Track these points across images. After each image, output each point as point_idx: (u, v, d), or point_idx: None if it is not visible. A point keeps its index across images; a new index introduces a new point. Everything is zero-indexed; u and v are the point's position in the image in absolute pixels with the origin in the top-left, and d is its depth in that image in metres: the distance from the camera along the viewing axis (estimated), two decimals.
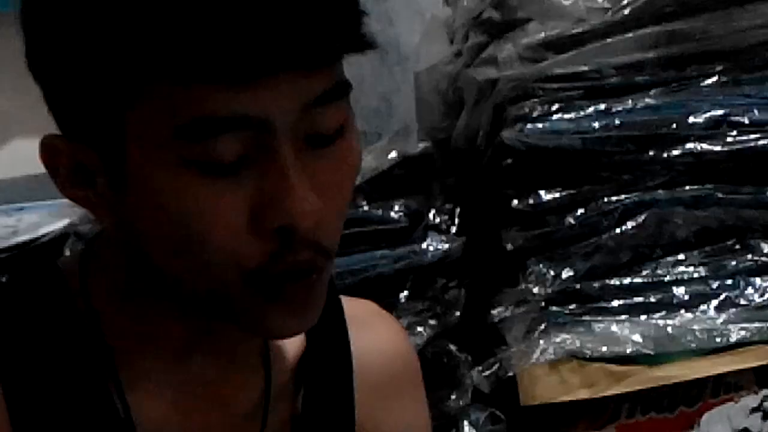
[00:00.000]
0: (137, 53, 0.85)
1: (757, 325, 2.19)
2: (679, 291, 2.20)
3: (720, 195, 2.21)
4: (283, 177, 0.86)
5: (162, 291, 0.95)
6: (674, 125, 2.18)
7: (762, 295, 2.21)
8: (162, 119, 0.85)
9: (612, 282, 2.19)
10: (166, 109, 0.85)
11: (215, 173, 0.85)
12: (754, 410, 2.12)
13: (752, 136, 2.20)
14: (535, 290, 2.16)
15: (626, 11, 2.17)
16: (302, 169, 0.87)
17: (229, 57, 0.83)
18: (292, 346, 1.05)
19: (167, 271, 0.92)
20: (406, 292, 2.13)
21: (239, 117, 0.84)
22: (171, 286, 0.93)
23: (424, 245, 2.15)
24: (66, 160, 0.92)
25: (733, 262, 2.22)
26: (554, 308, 2.17)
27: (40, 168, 0.95)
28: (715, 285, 2.21)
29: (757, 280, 2.22)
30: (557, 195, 2.16)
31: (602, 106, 2.17)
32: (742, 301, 2.20)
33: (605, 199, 2.18)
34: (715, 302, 2.20)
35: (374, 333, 1.12)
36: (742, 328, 2.18)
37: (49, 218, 1.95)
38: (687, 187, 2.21)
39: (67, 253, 1.87)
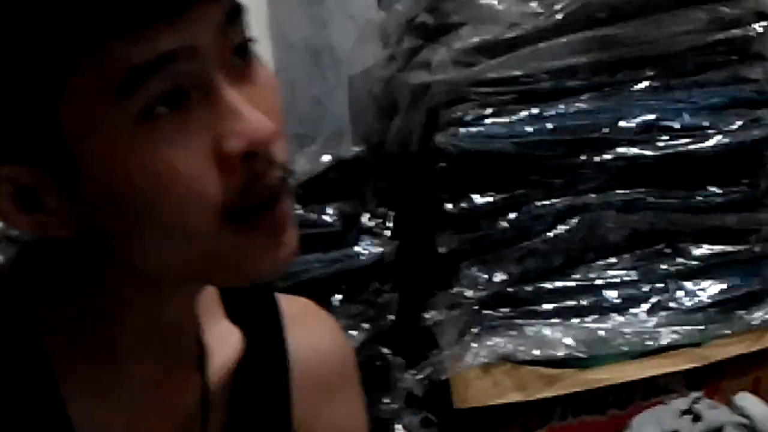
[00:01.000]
0: (56, 32, 0.85)
1: (687, 328, 2.22)
2: (611, 294, 2.22)
3: (651, 199, 2.24)
4: (229, 105, 0.89)
5: (119, 289, 0.95)
6: (606, 129, 2.20)
7: (692, 299, 2.24)
8: (97, 89, 0.86)
9: (544, 285, 2.21)
10: (97, 78, 0.85)
11: (163, 121, 0.86)
12: (684, 413, 2.11)
13: (683, 141, 2.23)
14: (468, 294, 2.17)
15: (559, 16, 2.19)
16: (238, 91, 0.89)
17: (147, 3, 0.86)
18: (230, 346, 1.04)
19: (142, 251, 0.91)
20: (339, 296, 2.13)
21: (169, 51, 0.86)
22: (147, 269, 0.93)
23: (357, 249, 2.16)
24: (5, 187, 0.90)
25: (664, 266, 2.25)
26: (487, 312, 2.18)
27: None
28: (646, 288, 2.23)
29: (688, 284, 2.25)
30: (490, 199, 2.17)
31: (535, 111, 2.19)
32: (673, 305, 2.23)
33: (538, 203, 2.19)
34: (646, 306, 2.22)
35: (311, 331, 1.12)
36: (673, 332, 2.21)
37: None
38: (618, 191, 2.23)
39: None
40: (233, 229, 0.90)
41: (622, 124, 2.21)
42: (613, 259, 2.23)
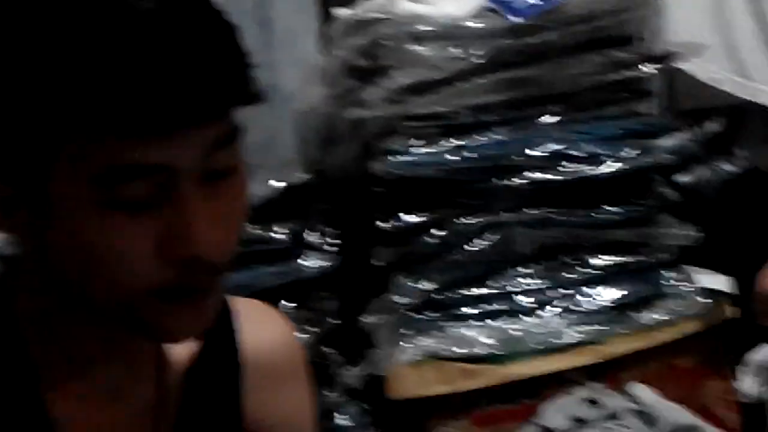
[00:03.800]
0: (58, 115, 0.85)
1: (588, 328, 2.28)
2: (523, 299, 2.27)
3: (556, 217, 2.29)
4: (188, 215, 0.87)
5: (75, 306, 0.95)
6: (518, 157, 2.25)
7: (593, 303, 2.30)
8: (81, 168, 0.86)
9: (465, 292, 2.25)
10: (85, 159, 0.86)
11: (128, 211, 0.87)
12: (585, 401, 2.19)
13: (584, 167, 2.28)
14: (400, 300, 2.22)
15: (476, 60, 2.23)
16: (203, 205, 0.88)
17: (140, 115, 0.84)
18: (185, 345, 1.03)
19: (79, 290, 0.92)
20: (288, 303, 2.15)
21: (149, 165, 0.86)
22: (82, 301, 0.93)
23: (304, 262, 2.19)
24: None
25: (569, 275, 2.30)
26: (416, 315, 2.23)
27: None
28: (552, 294, 2.29)
29: (589, 290, 2.30)
30: (418, 218, 2.22)
31: (456, 142, 2.23)
32: (576, 308, 2.29)
33: (459, 221, 2.24)
34: (552, 309, 2.28)
35: (261, 328, 1.10)
36: (576, 331, 2.27)
37: None
38: (529, 211, 2.27)
39: None
40: (156, 302, 0.90)
41: (531, 152, 2.24)
42: (524, 269, 2.27)
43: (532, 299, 2.27)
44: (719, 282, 2.36)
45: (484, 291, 2.26)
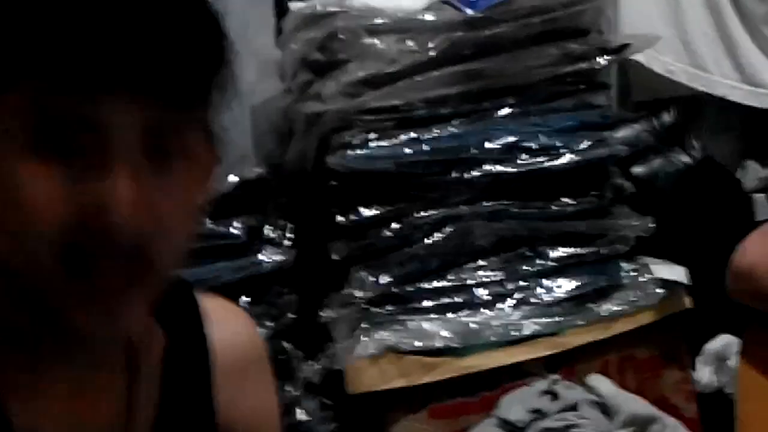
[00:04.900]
0: None
1: (546, 320, 2.29)
2: (481, 292, 2.28)
3: (514, 209, 2.30)
4: (110, 167, 0.84)
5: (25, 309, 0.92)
6: (474, 150, 2.26)
7: (550, 294, 2.31)
8: (12, 121, 0.85)
9: (423, 285, 2.25)
10: (19, 112, 0.85)
11: (53, 161, 0.85)
12: (544, 393, 2.19)
13: (540, 159, 2.30)
14: (358, 294, 2.22)
15: (432, 53, 2.24)
16: (137, 171, 0.85)
17: (80, 69, 0.83)
18: (155, 343, 1.03)
19: None
20: (246, 298, 2.15)
21: (83, 119, 0.84)
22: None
23: (261, 257, 2.19)
24: None
25: (526, 267, 2.31)
26: (374, 309, 2.23)
27: None
28: (510, 286, 2.29)
29: (546, 282, 2.31)
30: (376, 211, 2.22)
31: (412, 135, 2.24)
32: (534, 300, 2.30)
33: (416, 215, 2.24)
34: (511, 301, 2.28)
35: (229, 326, 1.10)
36: (534, 323, 2.28)
37: None
38: (486, 203, 2.28)
39: None
40: (63, 275, 0.86)
41: (487, 145, 2.25)
42: (482, 262, 2.27)
43: (490, 291, 2.28)
44: (676, 272, 2.36)
45: (442, 284, 2.26)
